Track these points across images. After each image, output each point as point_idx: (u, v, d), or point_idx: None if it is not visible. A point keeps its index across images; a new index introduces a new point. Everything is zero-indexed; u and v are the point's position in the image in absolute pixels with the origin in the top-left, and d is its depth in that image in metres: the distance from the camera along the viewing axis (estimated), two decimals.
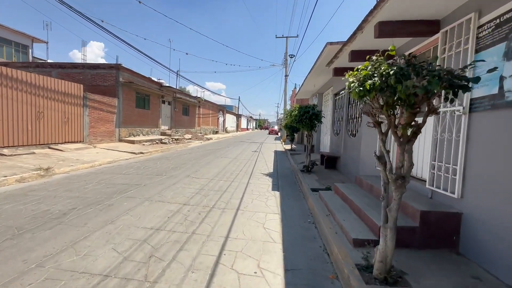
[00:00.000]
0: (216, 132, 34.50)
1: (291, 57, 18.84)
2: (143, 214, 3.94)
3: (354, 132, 7.10)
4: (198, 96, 28.39)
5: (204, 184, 6.07)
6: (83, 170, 7.26)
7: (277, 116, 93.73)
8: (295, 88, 29.47)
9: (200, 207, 4.41)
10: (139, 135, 15.79)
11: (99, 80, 13.67)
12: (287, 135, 26.04)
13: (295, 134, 15.50)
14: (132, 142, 13.75)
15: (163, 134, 18.50)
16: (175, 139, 17.52)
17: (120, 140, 13.90)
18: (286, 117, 7.95)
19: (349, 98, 7.61)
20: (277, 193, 5.66)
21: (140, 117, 16.01)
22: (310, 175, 7.42)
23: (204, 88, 43.12)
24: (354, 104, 7.14)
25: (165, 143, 15.79)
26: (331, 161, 8.47)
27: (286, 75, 22.02)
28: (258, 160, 10.91)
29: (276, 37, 22.73)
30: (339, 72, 6.04)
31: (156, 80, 18.72)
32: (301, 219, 4.13)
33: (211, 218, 3.96)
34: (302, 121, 7.27)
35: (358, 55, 4.66)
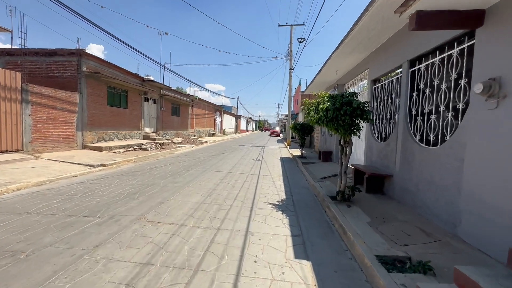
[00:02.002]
0: (213, 134, 31.53)
1: (301, 42, 15.79)
2: None
3: (431, 138, 4.11)
4: (192, 94, 25.42)
5: (159, 245, 3.07)
6: None
7: (278, 117, 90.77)
8: (300, 84, 26.52)
9: None
10: (112, 140, 12.79)
11: (56, 70, 10.69)
12: (292, 138, 23.07)
13: (305, 137, 12.51)
14: (100, 149, 10.75)
15: (146, 137, 15.51)
16: (160, 144, 14.54)
17: (84, 147, 10.90)
18: (308, 112, 4.97)
19: (415, 80, 4.63)
20: (308, 271, 2.67)
21: (115, 118, 13.01)
22: (350, 209, 4.44)
23: (201, 87, 40.09)
24: (433, 87, 4.14)
25: (145, 149, 12.80)
26: (375, 182, 5.48)
27: (291, 69, 19.03)
28: (261, 174, 7.93)
29: (279, 26, 19.78)
30: (429, 21, 3.04)
31: (146, 77, 15.74)
32: None
33: None
34: (337, 118, 4.29)
35: None
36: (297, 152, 14.24)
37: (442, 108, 3.86)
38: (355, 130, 4.53)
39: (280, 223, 3.96)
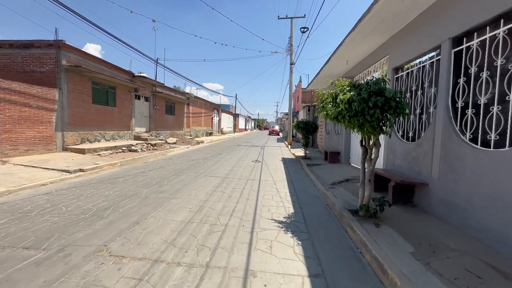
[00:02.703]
0: (210, 134, 30.46)
1: (303, 32, 14.72)
2: None
3: (492, 138, 3.09)
4: (188, 92, 24.32)
5: None
6: None
7: (277, 115, 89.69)
8: (300, 81, 25.47)
9: None
10: (99, 141, 11.72)
11: (33, 64, 9.60)
12: (292, 136, 22.04)
13: (309, 136, 11.50)
14: (82, 151, 9.69)
15: (137, 138, 14.45)
16: (152, 145, 13.48)
17: (65, 149, 9.83)
18: (323, 106, 3.94)
19: (462, 62, 3.61)
20: None
21: (101, 117, 11.94)
22: (380, 230, 3.42)
23: (199, 85, 38.86)
24: (493, 69, 3.12)
25: (135, 150, 11.74)
26: (404, 191, 4.47)
27: (291, 63, 17.99)
28: (262, 179, 6.91)
29: (279, 18, 18.71)
30: None
31: (139, 73, 14.60)
32: None
33: None
34: (363, 113, 3.27)
35: None
36: (299, 152, 13.24)
37: (511, 97, 2.84)
38: (385, 128, 3.52)
39: (291, 253, 2.94)
